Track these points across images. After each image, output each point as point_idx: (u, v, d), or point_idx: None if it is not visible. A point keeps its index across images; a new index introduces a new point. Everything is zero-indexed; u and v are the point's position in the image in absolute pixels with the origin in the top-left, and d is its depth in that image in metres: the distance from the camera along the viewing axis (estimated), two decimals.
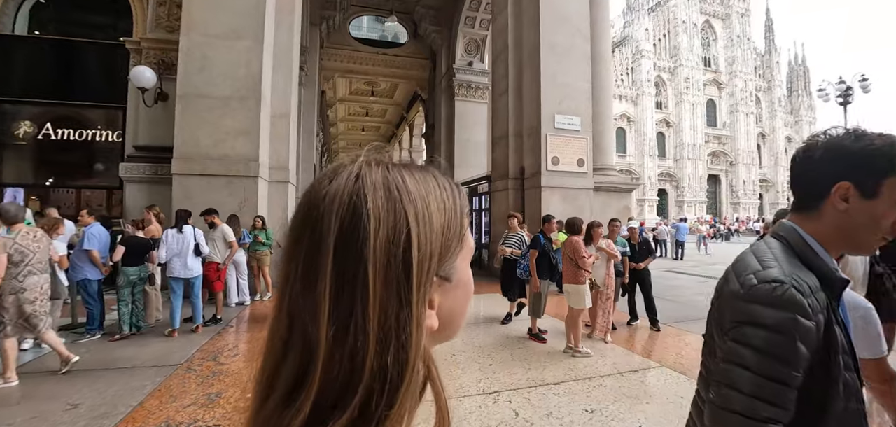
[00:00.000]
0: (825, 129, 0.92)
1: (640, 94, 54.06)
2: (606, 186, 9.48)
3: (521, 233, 5.98)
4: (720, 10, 59.28)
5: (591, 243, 4.99)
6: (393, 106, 23.77)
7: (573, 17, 9.14)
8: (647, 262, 5.63)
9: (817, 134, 0.92)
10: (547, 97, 8.66)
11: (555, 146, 8.57)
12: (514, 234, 5.95)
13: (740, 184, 56.99)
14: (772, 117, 60.65)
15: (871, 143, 0.83)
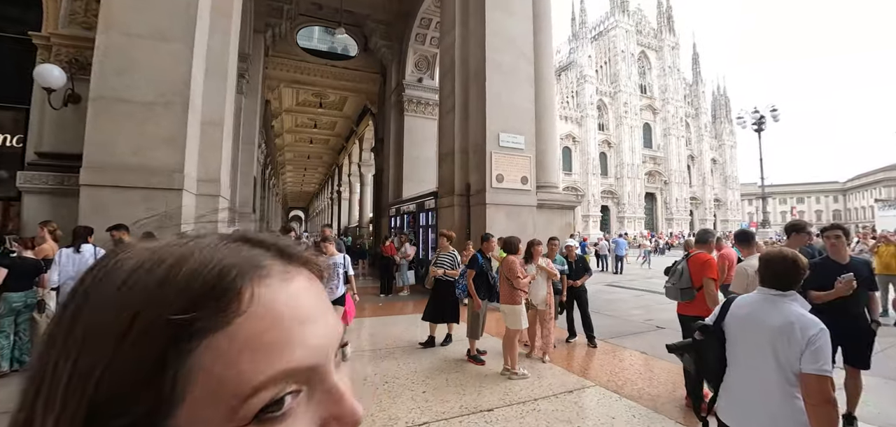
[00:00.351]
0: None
1: (584, 115, 57.20)
2: (550, 204, 9.75)
3: (453, 252, 5.87)
4: (654, 43, 64.56)
5: (531, 262, 5.02)
6: (343, 119, 23.28)
7: (518, 39, 9.43)
8: (583, 280, 5.75)
9: None
10: (492, 116, 8.80)
11: (499, 164, 8.70)
12: (447, 254, 5.79)
13: (673, 201, 61.65)
14: (699, 141, 66.45)
15: None
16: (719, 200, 68.25)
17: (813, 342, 1.65)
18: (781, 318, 1.75)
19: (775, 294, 1.84)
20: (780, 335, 1.72)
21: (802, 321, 1.71)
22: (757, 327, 1.83)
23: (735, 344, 1.92)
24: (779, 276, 1.85)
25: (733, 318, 1.94)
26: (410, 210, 12.30)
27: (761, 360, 1.78)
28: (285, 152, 31.35)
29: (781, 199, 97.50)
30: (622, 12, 60.68)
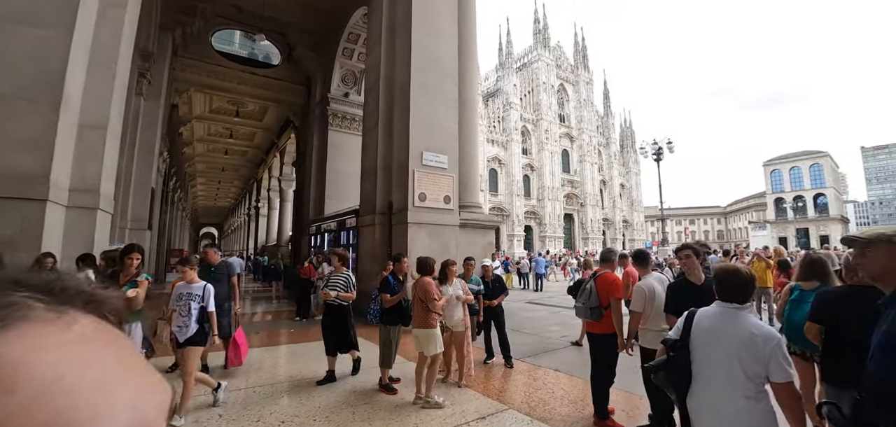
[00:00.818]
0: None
1: (509, 140, 60.17)
2: (472, 223, 9.91)
3: (347, 273, 5.38)
4: (571, 77, 70.45)
5: (446, 282, 4.95)
6: (262, 130, 21.86)
7: (443, 60, 9.60)
8: (499, 300, 5.80)
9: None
10: (415, 134, 8.79)
11: (422, 182, 8.68)
12: (340, 275, 5.24)
13: (589, 222, 66.80)
14: (610, 167, 73.22)
15: None
16: (627, 221, 75.34)
17: (775, 353, 1.85)
18: (743, 330, 1.94)
19: (734, 307, 2.03)
20: (744, 346, 1.90)
21: (763, 332, 1.91)
22: (722, 339, 1.98)
23: (703, 355, 2.04)
24: (736, 291, 2.04)
25: (698, 331, 2.08)
26: (332, 228, 11.77)
27: (729, 368, 1.93)
28: (196, 163, 28.60)
29: (678, 220, 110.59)
30: (544, 47, 65.45)
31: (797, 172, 74.50)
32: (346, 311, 5.15)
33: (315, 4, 14.90)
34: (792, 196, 73.96)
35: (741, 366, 1.89)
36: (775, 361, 1.84)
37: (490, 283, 5.82)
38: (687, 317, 2.18)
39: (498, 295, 5.82)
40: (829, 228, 68.67)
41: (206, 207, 52.52)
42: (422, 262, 4.59)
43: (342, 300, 5.09)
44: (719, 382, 1.96)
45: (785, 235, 69.83)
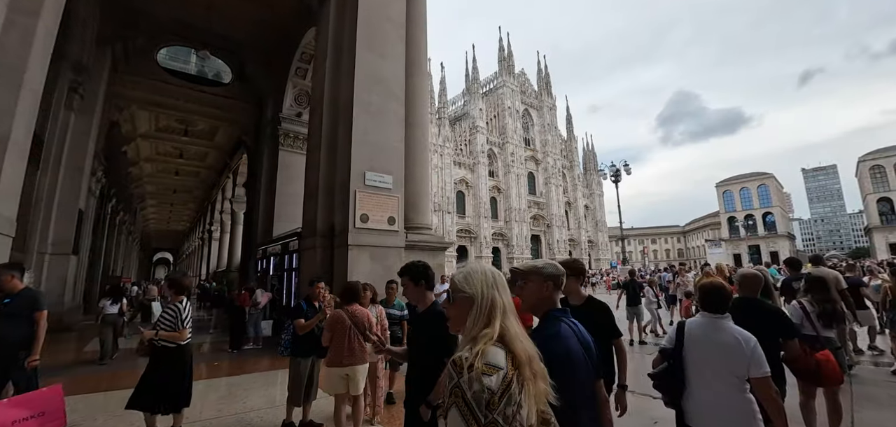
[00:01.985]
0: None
1: (476, 162, 60.95)
2: (421, 245, 9.67)
3: (178, 306, 4.03)
4: (535, 103, 72.67)
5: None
6: (214, 150, 21.00)
7: (389, 80, 9.48)
8: None
9: None
10: (358, 153, 8.56)
11: (365, 203, 8.41)
12: (171, 309, 4.04)
13: (555, 242, 67.96)
14: (574, 189, 75.27)
15: None
16: (593, 241, 77.19)
17: (755, 352, 2.19)
18: (728, 336, 2.27)
19: (716, 317, 2.36)
20: (731, 349, 2.23)
21: (743, 336, 2.25)
22: (711, 345, 2.30)
23: (695, 360, 2.35)
24: (716, 303, 2.37)
25: (690, 340, 2.39)
26: (277, 252, 11.23)
27: (719, 369, 2.26)
28: (145, 184, 27.10)
29: (640, 240, 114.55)
30: (508, 74, 67.42)
31: (747, 193, 79.08)
32: (176, 356, 3.89)
33: (268, 23, 14.59)
34: (743, 215, 78.29)
35: (729, 366, 2.23)
36: (755, 359, 2.18)
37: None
38: (678, 327, 2.50)
39: None
40: (778, 245, 72.91)
41: (159, 232, 49.79)
42: (349, 289, 4.15)
43: (166, 342, 3.83)
44: (711, 383, 2.27)
45: (739, 252, 73.58)
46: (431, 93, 59.10)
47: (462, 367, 1.18)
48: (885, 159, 63.34)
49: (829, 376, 3.40)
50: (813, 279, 4.44)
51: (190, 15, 13.97)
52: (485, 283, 1.39)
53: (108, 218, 18.00)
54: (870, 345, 7.83)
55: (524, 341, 1.29)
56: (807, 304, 4.15)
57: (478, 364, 1.17)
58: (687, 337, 2.42)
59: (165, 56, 15.60)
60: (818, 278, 4.39)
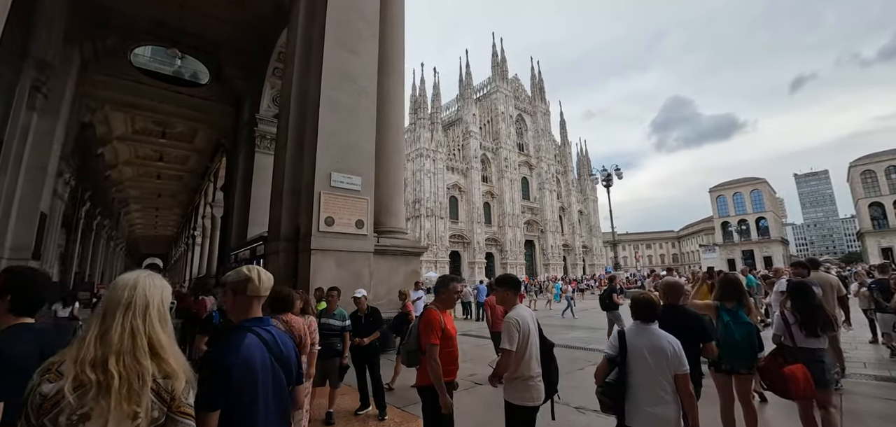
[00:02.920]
0: None
1: (469, 167, 60.63)
2: (393, 250, 9.29)
3: None
4: (529, 108, 72.58)
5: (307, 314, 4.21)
6: (195, 153, 20.54)
7: (359, 78, 9.13)
8: (372, 338, 5.01)
9: None
10: (324, 153, 8.18)
11: (330, 206, 8.01)
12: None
13: (549, 248, 67.63)
14: (568, 195, 75.08)
15: None
16: (587, 247, 76.94)
17: (680, 352, 2.53)
18: (659, 340, 2.57)
19: (647, 325, 2.67)
20: (664, 352, 2.52)
21: (670, 339, 2.57)
22: (648, 350, 2.56)
23: (636, 364, 2.59)
24: (647, 313, 2.68)
25: (632, 347, 2.63)
26: (246, 257, 10.79)
27: (654, 371, 2.52)
28: (127, 188, 26.55)
29: (635, 245, 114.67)
30: (502, 79, 67.28)
31: (740, 198, 79.26)
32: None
33: (244, 23, 14.23)
34: (736, 220, 78.41)
35: (663, 367, 2.51)
36: (680, 359, 2.52)
37: (362, 318, 5.02)
38: (620, 336, 2.73)
39: (371, 331, 5.00)
40: (772, 249, 72.98)
41: (147, 237, 49.03)
42: (278, 297, 3.60)
43: None
44: (649, 385, 2.53)
45: (733, 257, 73.56)
46: (424, 97, 58.91)
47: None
48: (876, 164, 63.70)
49: (796, 390, 3.26)
50: (794, 286, 4.12)
51: (163, 13, 13.57)
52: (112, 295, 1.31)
53: (80, 221, 17.45)
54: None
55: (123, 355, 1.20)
56: (788, 314, 3.82)
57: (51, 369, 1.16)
58: (630, 344, 2.65)
59: (141, 56, 15.17)
60: (799, 285, 4.07)
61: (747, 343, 3.52)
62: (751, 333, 3.55)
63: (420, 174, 55.75)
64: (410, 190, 57.21)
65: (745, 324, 3.58)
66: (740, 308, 3.69)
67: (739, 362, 3.55)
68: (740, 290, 3.75)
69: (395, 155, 10.33)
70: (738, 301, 3.69)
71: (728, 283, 3.81)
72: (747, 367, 3.58)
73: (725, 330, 3.59)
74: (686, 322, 3.13)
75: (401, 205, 10.21)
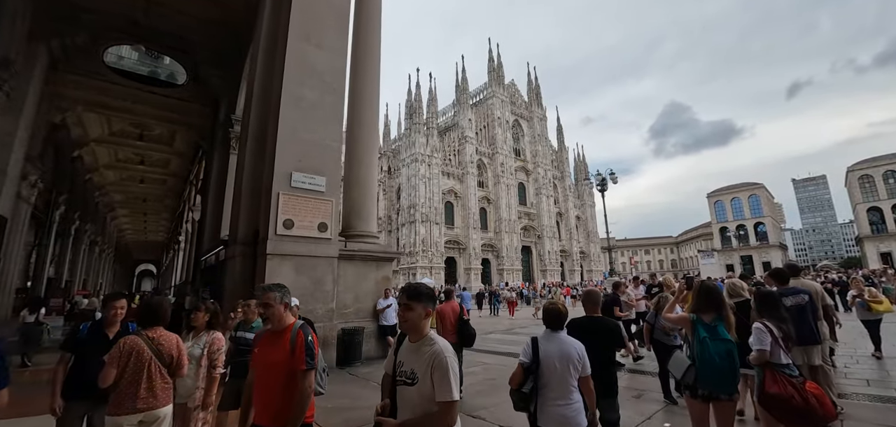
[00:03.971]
0: None
1: (465, 173, 60.19)
2: (362, 254, 8.77)
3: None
4: (526, 113, 72.29)
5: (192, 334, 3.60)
6: (175, 156, 20.07)
7: (326, 73, 8.65)
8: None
9: None
10: (283, 151, 7.68)
11: (290, 207, 7.50)
12: None
13: (546, 254, 67.01)
14: (565, 200, 74.59)
15: None
16: (585, 253, 76.32)
17: (584, 356, 2.84)
18: (567, 347, 2.83)
19: (556, 333, 2.92)
20: (571, 357, 2.80)
21: (575, 345, 2.86)
22: (558, 355, 2.80)
23: (548, 369, 2.79)
24: (555, 322, 2.94)
25: (544, 353, 2.83)
26: (212, 263, 10.27)
27: (563, 374, 2.78)
28: (110, 192, 26.05)
29: (634, 251, 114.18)
30: (498, 85, 67.03)
31: (738, 203, 78.84)
32: None
33: (218, 21, 13.78)
34: (735, 225, 77.88)
35: (568, 371, 2.76)
36: (584, 363, 2.82)
37: None
38: (532, 343, 2.89)
39: None
40: (770, 255, 72.40)
41: (138, 243, 48.43)
42: (148, 308, 3.09)
43: None
44: (557, 386, 2.76)
45: (731, 262, 73.01)
46: (419, 102, 58.58)
47: None
48: (873, 169, 63.37)
49: (828, 413, 2.91)
50: (760, 296, 3.58)
51: (136, 12, 13.14)
52: None
53: (54, 225, 16.92)
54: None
55: None
56: (774, 327, 3.26)
57: None
58: (542, 351, 2.84)
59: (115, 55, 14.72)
60: (766, 295, 3.55)
61: (728, 364, 3.01)
62: (731, 352, 3.04)
63: (415, 179, 55.30)
64: (405, 195, 56.73)
65: (724, 341, 3.06)
66: (720, 322, 3.17)
67: (719, 387, 3.03)
68: (719, 301, 3.23)
69: (368, 155, 9.83)
70: (718, 314, 3.18)
71: (705, 292, 3.29)
72: (728, 393, 3.06)
73: (701, 348, 3.09)
74: (602, 329, 3.41)
75: (373, 207, 9.71)
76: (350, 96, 10.11)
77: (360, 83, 10.15)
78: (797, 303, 4.56)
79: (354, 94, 9.99)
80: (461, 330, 5.61)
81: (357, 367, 7.48)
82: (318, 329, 7.27)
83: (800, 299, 4.60)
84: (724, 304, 3.23)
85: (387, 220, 64.41)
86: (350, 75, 10.49)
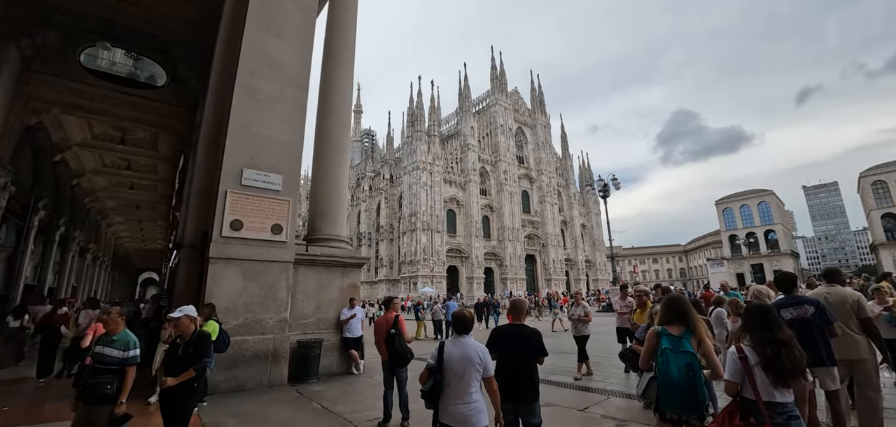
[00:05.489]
0: None
1: (467, 180, 59.53)
2: (325, 260, 8.07)
3: None
4: (529, 121, 71.66)
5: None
6: (161, 161, 19.60)
7: (287, 65, 8.05)
8: (183, 378, 3.35)
9: None
10: (234, 148, 7.06)
11: (239, 207, 6.85)
12: None
13: (551, 263, 65.89)
14: (570, 208, 73.52)
15: None
16: (590, 261, 75.01)
17: (486, 358, 3.09)
18: (468, 349, 3.07)
19: (461, 337, 3.19)
20: (470, 360, 3.01)
21: (478, 348, 3.10)
22: (462, 358, 3.04)
23: (453, 370, 3.03)
24: (466, 327, 3.23)
25: (447, 356, 3.10)
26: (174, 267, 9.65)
27: (462, 375, 2.99)
28: (103, 199, 25.72)
29: (641, 259, 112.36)
30: (501, 92, 66.57)
31: (747, 210, 77.17)
32: None
33: (196, 20, 13.33)
34: (744, 233, 76.14)
35: (470, 372, 2.99)
36: (488, 365, 3.08)
37: (181, 348, 3.47)
38: (440, 347, 3.21)
39: (185, 368, 3.39)
40: (782, 263, 70.51)
41: (139, 251, 48.23)
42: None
43: None
44: (459, 386, 2.99)
45: (742, 271, 71.24)
46: (421, 110, 58.21)
47: None
48: (887, 174, 61.57)
49: None
50: (751, 311, 2.90)
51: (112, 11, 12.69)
52: None
53: (32, 231, 16.49)
54: None
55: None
56: (749, 352, 2.65)
57: None
58: (446, 354, 3.10)
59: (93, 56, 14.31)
60: (757, 308, 2.87)
61: (685, 378, 2.67)
62: (692, 366, 2.68)
63: (416, 187, 54.76)
64: (406, 203, 56.16)
65: (686, 353, 2.75)
66: (688, 335, 2.85)
67: (683, 407, 2.69)
68: (684, 312, 2.93)
69: (338, 153, 9.19)
70: (686, 326, 2.88)
71: (669, 303, 3.08)
72: (697, 415, 2.69)
73: (661, 361, 2.83)
74: (524, 336, 3.54)
75: (341, 209, 9.03)
76: (320, 89, 9.52)
77: (332, 75, 9.56)
78: (798, 315, 3.79)
79: (325, 88, 9.39)
80: (391, 345, 4.82)
81: (310, 384, 6.74)
82: (266, 342, 6.58)
83: (802, 311, 3.82)
84: (689, 314, 2.91)
85: (389, 228, 63.87)
86: (322, 68, 9.92)
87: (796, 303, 3.92)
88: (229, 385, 6.14)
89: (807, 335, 3.58)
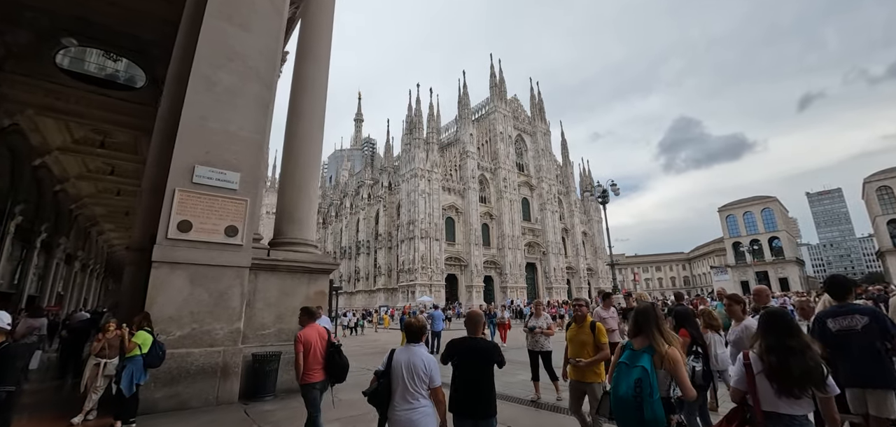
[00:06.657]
0: None
1: (466, 188, 58.97)
2: (288, 265, 7.46)
3: None
4: (529, 128, 71.24)
5: None
6: (144, 165, 19.13)
7: (251, 57, 7.53)
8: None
9: None
10: (187, 142, 6.51)
11: (189, 207, 6.28)
12: None
13: (552, 270, 65.02)
14: (571, 215, 72.78)
15: None
16: (592, 269, 74.08)
17: (433, 369, 3.16)
18: (415, 358, 3.15)
19: (412, 345, 3.26)
20: (415, 367, 3.10)
21: (424, 357, 3.18)
22: (409, 365, 3.12)
23: (397, 377, 3.13)
24: (417, 335, 3.34)
25: (395, 362, 3.19)
26: None
27: (408, 382, 3.07)
28: (90, 205, 25.28)
29: (644, 267, 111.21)
30: (500, 100, 66.26)
31: (751, 217, 76.18)
32: None
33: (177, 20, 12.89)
34: (748, 240, 75.10)
35: (417, 380, 3.07)
36: (435, 374, 3.14)
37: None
38: (390, 354, 3.27)
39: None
40: (787, 270, 69.43)
41: None
42: None
43: None
44: (402, 393, 3.07)
45: (746, 279, 70.04)
46: (419, 117, 57.88)
47: None
48: (891, 180, 60.62)
49: None
50: (763, 316, 2.57)
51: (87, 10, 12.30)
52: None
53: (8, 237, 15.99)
54: None
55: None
56: (754, 359, 2.42)
57: None
58: (394, 361, 3.19)
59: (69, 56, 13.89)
60: (769, 314, 2.56)
61: (632, 396, 2.51)
62: (640, 382, 2.50)
63: (415, 195, 54.25)
64: (405, 211, 55.60)
65: (638, 369, 2.57)
66: (649, 351, 2.66)
67: (630, 426, 2.58)
68: (648, 325, 2.76)
69: (308, 152, 8.62)
70: (648, 341, 2.72)
71: (636, 315, 2.91)
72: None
73: (615, 376, 2.78)
74: (480, 348, 3.51)
75: (310, 212, 8.44)
76: (292, 87, 8.99)
77: (306, 73, 9.04)
78: (846, 327, 3.29)
79: (298, 86, 8.87)
80: (332, 362, 4.26)
81: (262, 402, 6.09)
82: (215, 355, 5.95)
83: (851, 322, 3.28)
84: (651, 328, 2.72)
85: (387, 236, 63.31)
86: (295, 65, 9.41)
87: (845, 312, 3.39)
88: (170, 403, 5.52)
89: (857, 349, 3.17)
